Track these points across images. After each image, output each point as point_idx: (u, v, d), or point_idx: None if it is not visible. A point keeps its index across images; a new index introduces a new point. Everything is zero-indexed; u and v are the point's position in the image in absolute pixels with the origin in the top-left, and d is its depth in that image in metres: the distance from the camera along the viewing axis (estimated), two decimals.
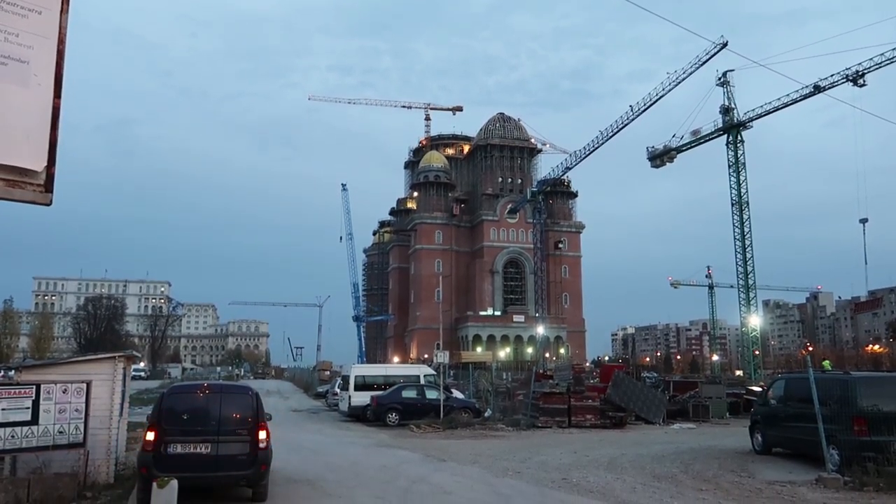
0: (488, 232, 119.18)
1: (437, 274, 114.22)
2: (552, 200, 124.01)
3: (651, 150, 75.63)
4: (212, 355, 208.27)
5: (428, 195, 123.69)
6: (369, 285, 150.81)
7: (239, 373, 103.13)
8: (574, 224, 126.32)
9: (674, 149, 73.48)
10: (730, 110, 67.93)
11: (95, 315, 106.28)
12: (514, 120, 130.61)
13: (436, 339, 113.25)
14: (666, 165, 74.72)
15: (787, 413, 16.47)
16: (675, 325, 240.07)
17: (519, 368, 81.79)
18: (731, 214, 67.16)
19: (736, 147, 67.37)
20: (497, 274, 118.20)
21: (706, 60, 67.38)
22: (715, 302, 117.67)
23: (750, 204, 66.77)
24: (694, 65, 69.18)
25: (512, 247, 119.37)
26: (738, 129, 67.42)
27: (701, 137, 71.48)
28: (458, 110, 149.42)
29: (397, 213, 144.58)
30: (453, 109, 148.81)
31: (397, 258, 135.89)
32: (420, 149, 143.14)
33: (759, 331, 69.40)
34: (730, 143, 67.87)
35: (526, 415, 26.36)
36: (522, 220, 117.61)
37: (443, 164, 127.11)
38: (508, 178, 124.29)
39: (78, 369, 12.82)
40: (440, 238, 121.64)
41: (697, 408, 29.35)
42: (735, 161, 67.07)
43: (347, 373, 33.43)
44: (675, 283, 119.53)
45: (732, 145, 67.63)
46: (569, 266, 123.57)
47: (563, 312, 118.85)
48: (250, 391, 11.85)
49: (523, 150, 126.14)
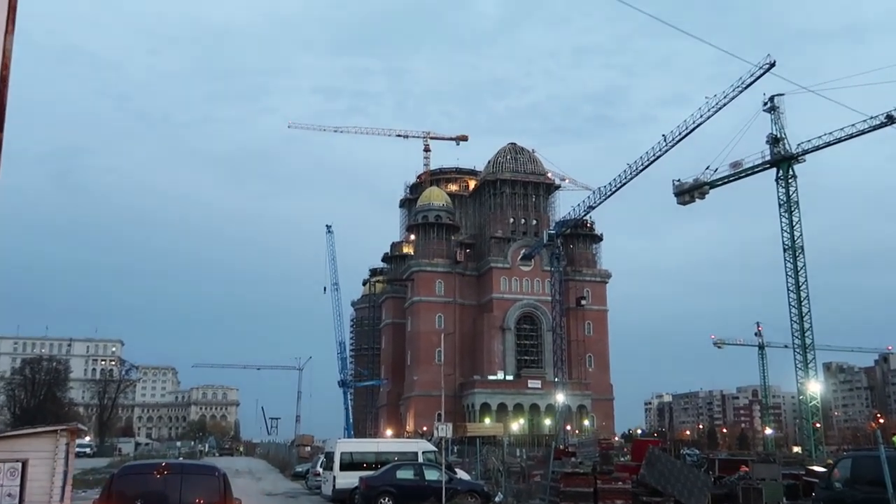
0: (498, 282, 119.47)
1: (438, 331, 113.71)
2: (572, 245, 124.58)
3: (678, 185, 75.99)
4: (171, 428, 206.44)
5: (427, 238, 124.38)
6: (358, 344, 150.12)
7: (203, 449, 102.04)
8: (598, 272, 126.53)
9: (707, 183, 73.93)
10: (779, 140, 68.58)
11: (34, 380, 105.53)
12: (528, 151, 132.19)
13: (437, 409, 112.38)
14: (696, 202, 75.18)
15: (856, 498, 16.27)
16: (720, 392, 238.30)
17: (535, 443, 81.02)
18: (784, 261, 67.27)
19: (787, 183, 67.84)
20: (509, 331, 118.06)
21: (751, 83, 68.36)
22: (766, 365, 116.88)
23: (805, 249, 66.92)
24: (737, 88, 70.17)
25: (526, 299, 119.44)
26: (790, 163, 67.98)
27: (742, 171, 72.00)
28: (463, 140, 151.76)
29: (391, 259, 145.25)
30: (457, 139, 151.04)
31: (391, 312, 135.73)
32: (418, 184, 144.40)
33: (819, 399, 68.69)
34: (780, 179, 68.35)
35: (544, 499, 26.00)
36: (538, 267, 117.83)
37: (444, 202, 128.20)
38: (521, 218, 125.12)
39: (12, 446, 12.72)
40: (442, 289, 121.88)
41: (748, 491, 28.89)
42: (786, 199, 67.48)
43: (332, 449, 33.11)
44: (719, 342, 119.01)
45: (783, 181, 68.10)
46: (593, 322, 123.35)
47: (587, 377, 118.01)
48: (216, 471, 11.74)
49: (538, 187, 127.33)
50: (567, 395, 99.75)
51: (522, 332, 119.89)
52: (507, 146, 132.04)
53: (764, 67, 65.74)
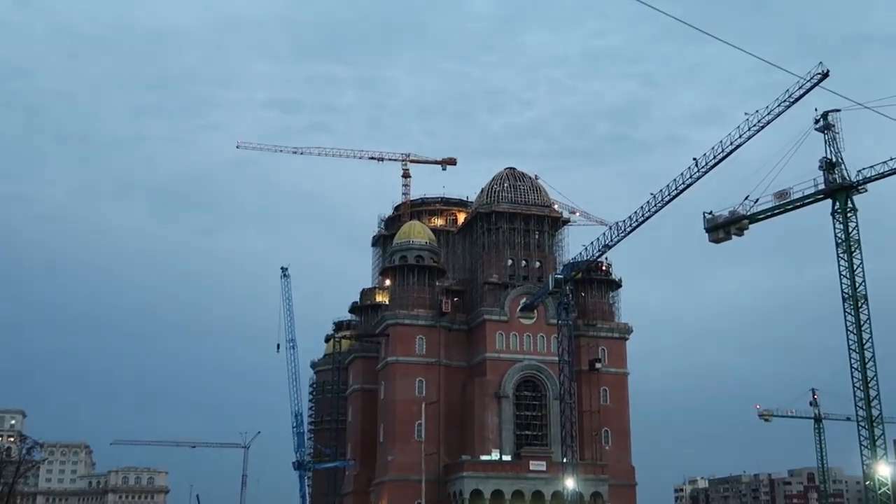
0: (493, 338, 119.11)
1: (418, 399, 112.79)
2: (584, 292, 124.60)
3: (710, 218, 75.74)
4: None
5: (406, 284, 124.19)
6: (319, 416, 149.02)
7: None
8: (617, 327, 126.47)
9: (746, 217, 73.99)
10: (835, 165, 68.81)
11: None
12: (530, 177, 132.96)
13: (416, 497, 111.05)
14: (732, 239, 75.21)
15: None
16: (768, 476, 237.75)
17: None
18: (843, 313, 66.93)
19: (845, 217, 67.95)
20: (506, 399, 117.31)
21: (800, 96, 68.88)
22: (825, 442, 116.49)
23: (869, 298, 66.77)
24: (783, 103, 70.57)
25: (527, 360, 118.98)
26: (848, 193, 68.16)
27: (790, 202, 72.11)
28: (450, 164, 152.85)
29: (361, 309, 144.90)
30: (443, 163, 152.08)
31: (360, 376, 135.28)
32: (395, 218, 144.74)
33: (891, 485, 68.16)
34: (836, 212, 68.43)
35: None
36: (542, 320, 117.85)
37: (427, 239, 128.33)
38: (522, 259, 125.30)
39: None
40: (423, 346, 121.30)
41: None
42: (845, 237, 67.53)
43: None
44: (766, 413, 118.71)
45: (840, 214, 68.23)
46: (610, 388, 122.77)
47: (604, 457, 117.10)
48: None
49: (543, 221, 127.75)
50: (579, 479, 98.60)
51: (523, 402, 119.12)
52: (504, 172, 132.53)
53: (815, 78, 66.19)
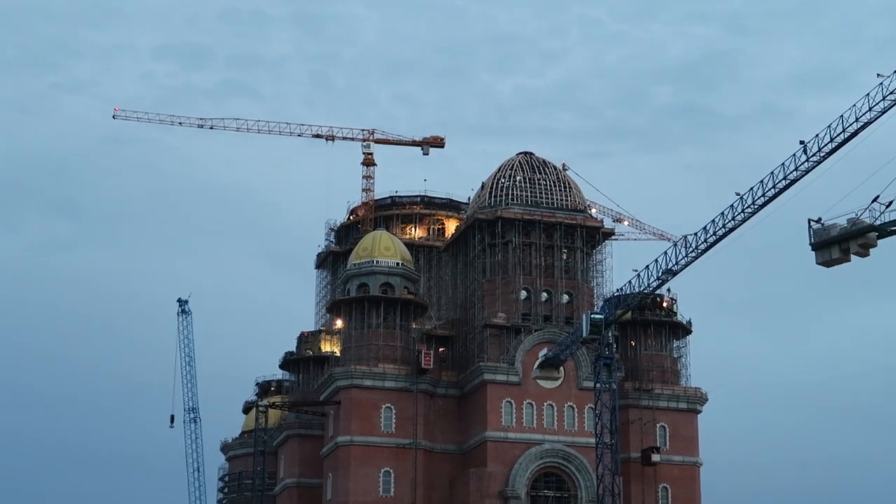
0: (497, 409, 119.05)
1: (382, 500, 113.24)
2: (635, 341, 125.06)
3: (819, 230, 76.12)
4: None
5: (367, 327, 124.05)
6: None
7: None
8: (684, 393, 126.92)
9: (874, 228, 75.26)
10: None
11: None
12: (555, 167, 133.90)
13: None
14: (852, 261, 76.49)
15: None
16: None
17: None
18: None
19: None
20: (517, 501, 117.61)
21: None
22: None
23: None
24: None
25: (548, 442, 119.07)
26: None
27: None
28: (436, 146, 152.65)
29: (298, 364, 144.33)
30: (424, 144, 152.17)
31: (296, 464, 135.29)
32: (351, 226, 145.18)
33: None
34: None
35: None
36: (571, 383, 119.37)
37: (400, 258, 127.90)
38: (542, 290, 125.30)
39: None
40: (391, 421, 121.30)
41: None
42: None
43: None
44: None
45: None
46: (672, 486, 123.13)
47: None
48: None
49: (573, 233, 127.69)
50: None
51: None
52: (516, 158, 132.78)
53: None
